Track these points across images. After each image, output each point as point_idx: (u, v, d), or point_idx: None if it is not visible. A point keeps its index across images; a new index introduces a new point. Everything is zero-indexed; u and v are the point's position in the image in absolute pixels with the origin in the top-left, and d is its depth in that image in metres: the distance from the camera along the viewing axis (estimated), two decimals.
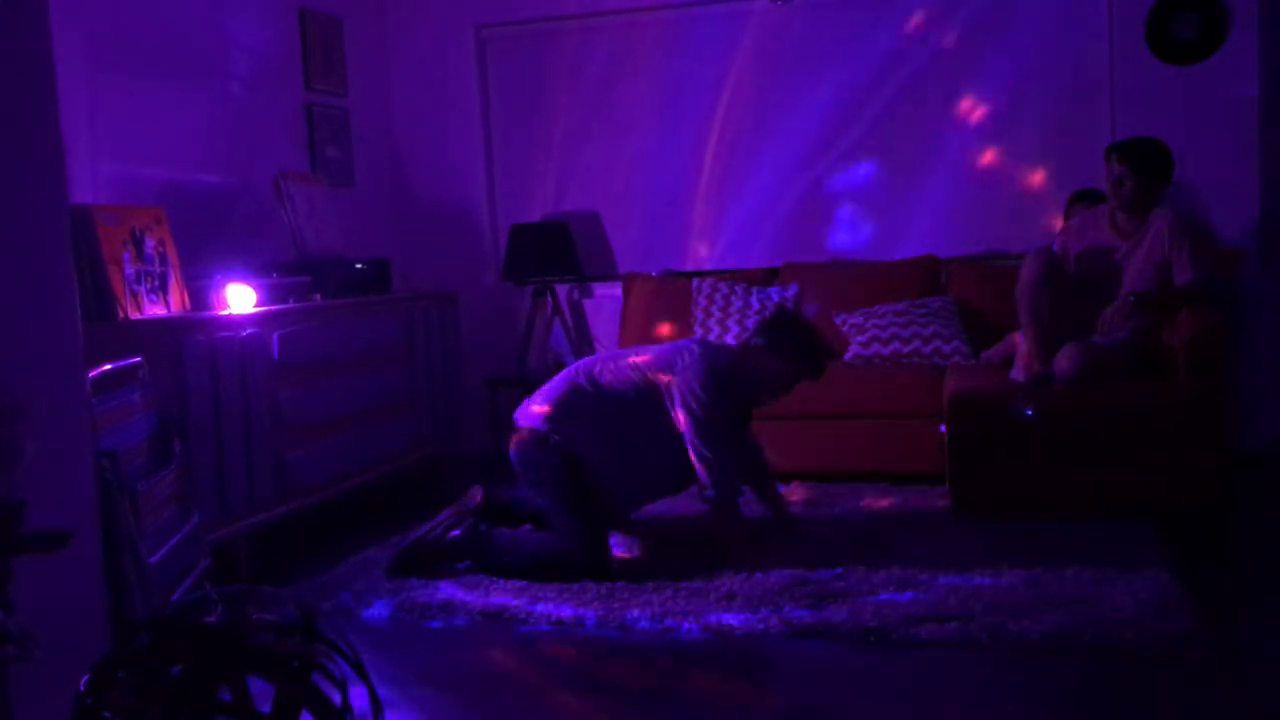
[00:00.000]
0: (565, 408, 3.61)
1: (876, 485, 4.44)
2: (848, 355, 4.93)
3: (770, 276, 5.34)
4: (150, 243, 3.73)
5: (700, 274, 5.43)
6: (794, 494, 4.39)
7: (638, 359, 3.67)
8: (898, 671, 2.74)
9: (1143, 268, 4.09)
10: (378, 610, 3.29)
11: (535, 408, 3.67)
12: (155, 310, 3.69)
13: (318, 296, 4.37)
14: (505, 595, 3.33)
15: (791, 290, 5.17)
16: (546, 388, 3.72)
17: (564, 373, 3.74)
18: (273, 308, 4.01)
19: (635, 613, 3.11)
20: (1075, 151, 5.13)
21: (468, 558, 3.58)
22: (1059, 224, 4.68)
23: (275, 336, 3.90)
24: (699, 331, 5.11)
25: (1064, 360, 4.01)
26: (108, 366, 2.85)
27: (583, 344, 5.82)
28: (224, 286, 3.92)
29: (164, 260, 3.79)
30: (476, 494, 3.83)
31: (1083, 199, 4.74)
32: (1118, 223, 4.18)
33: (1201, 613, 2.88)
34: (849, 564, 3.44)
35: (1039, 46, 5.17)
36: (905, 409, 4.49)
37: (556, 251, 5.52)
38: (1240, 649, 2.76)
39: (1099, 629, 2.79)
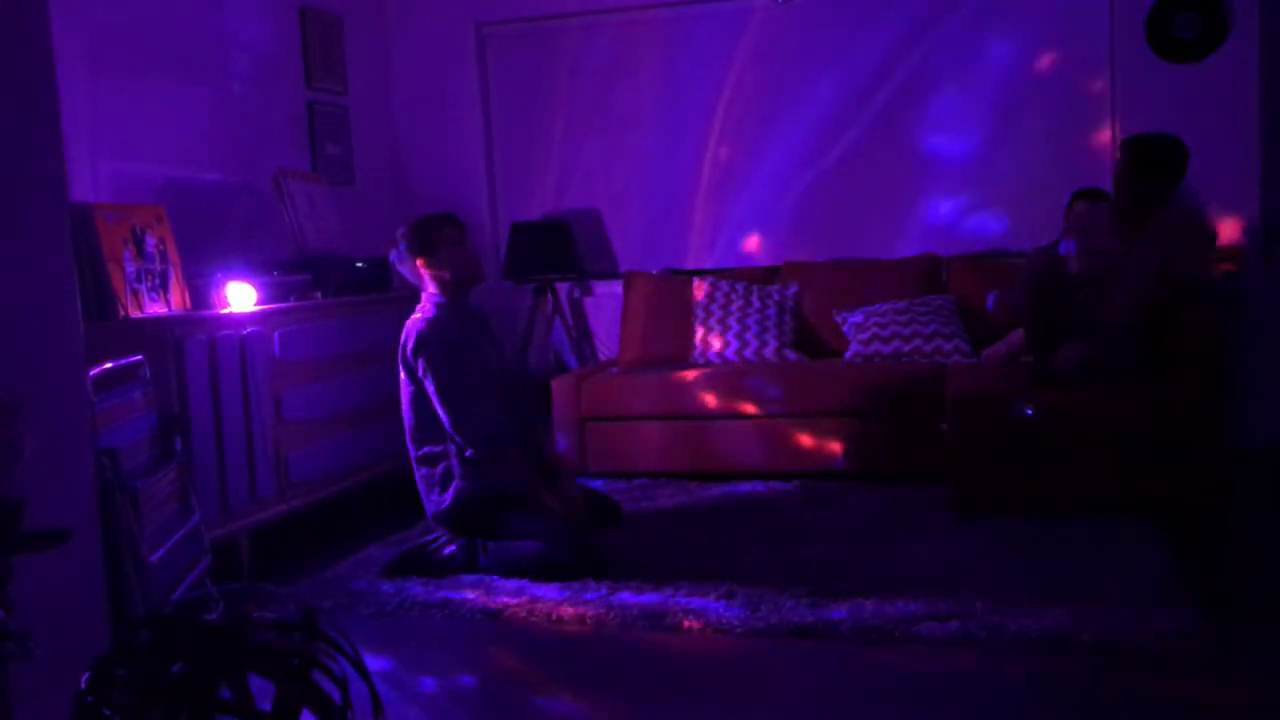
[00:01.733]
0: (445, 472, 3.63)
1: (876, 485, 4.44)
2: (848, 354, 4.93)
3: (771, 275, 5.34)
4: (151, 241, 3.73)
5: (701, 272, 5.42)
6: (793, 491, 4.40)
7: (403, 387, 3.71)
8: (898, 670, 2.74)
9: (1146, 266, 4.06)
10: (378, 609, 3.29)
11: (435, 501, 3.67)
12: (156, 308, 3.69)
13: (318, 295, 4.37)
14: (505, 594, 3.33)
15: (792, 289, 5.17)
16: (421, 486, 3.72)
17: (413, 466, 3.75)
18: (273, 306, 4.01)
19: (635, 611, 3.11)
20: (1076, 150, 5.13)
21: (463, 573, 3.57)
22: (1060, 223, 4.68)
23: (276, 335, 3.90)
24: (699, 330, 5.11)
25: (1065, 359, 4.01)
26: (108, 365, 2.86)
27: (583, 342, 5.82)
28: (224, 285, 3.92)
29: (164, 258, 3.79)
30: None
31: (1084, 198, 4.73)
32: (1123, 219, 4.15)
33: (1202, 612, 2.88)
34: (849, 563, 3.44)
35: (1039, 45, 5.17)
36: (906, 408, 4.48)
37: (557, 250, 5.52)
38: (1241, 648, 2.76)
39: (1099, 628, 2.79)
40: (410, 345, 3.65)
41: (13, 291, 2.23)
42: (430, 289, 3.76)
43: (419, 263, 3.74)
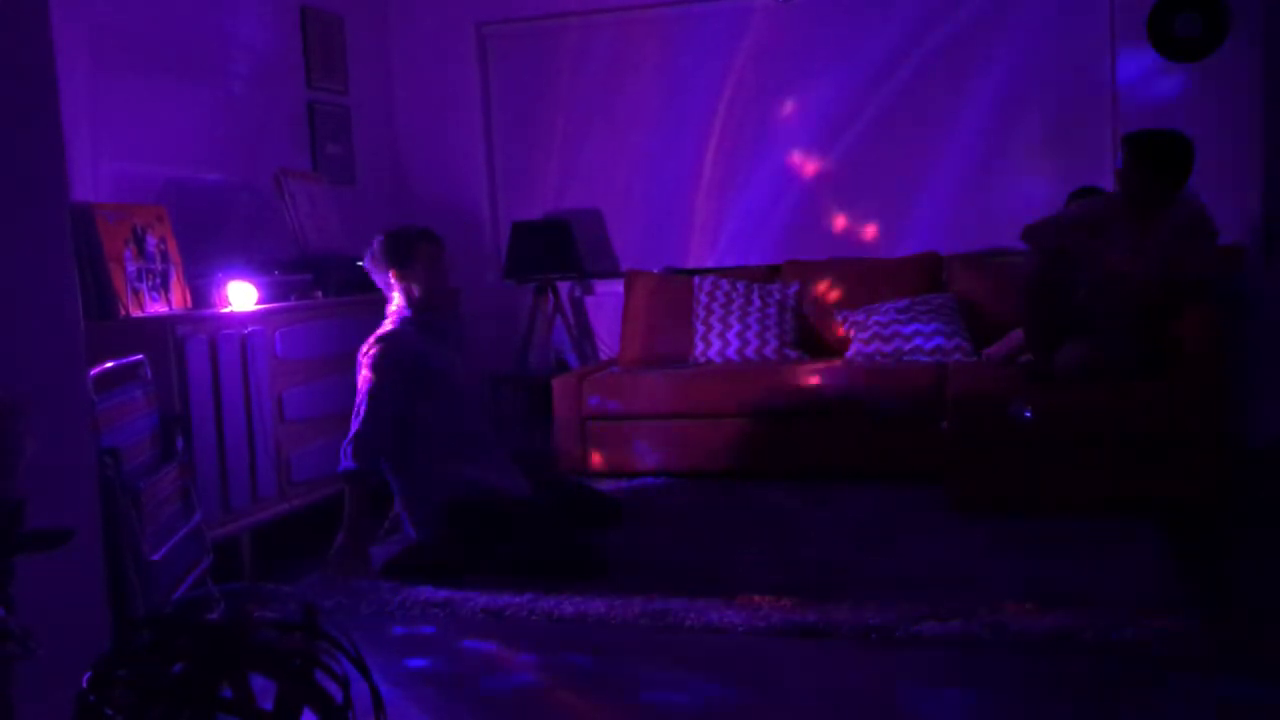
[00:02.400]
0: (414, 487, 3.67)
1: (876, 484, 4.44)
2: (850, 352, 4.93)
3: (772, 274, 5.34)
4: (152, 240, 3.73)
5: (702, 271, 5.43)
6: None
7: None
8: (900, 669, 2.74)
9: (1150, 263, 4.04)
10: (379, 608, 3.30)
11: (415, 522, 3.70)
12: (157, 308, 3.69)
13: (319, 294, 4.37)
14: (506, 594, 3.33)
15: (793, 288, 5.17)
16: (403, 509, 3.76)
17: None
18: (274, 305, 4.01)
19: (637, 610, 3.11)
20: (1077, 148, 5.13)
21: (463, 573, 3.57)
22: None
23: (277, 334, 3.91)
24: (700, 329, 5.12)
25: (1065, 358, 4.00)
26: (109, 364, 2.86)
27: (584, 341, 5.82)
28: (225, 284, 3.92)
29: (165, 258, 3.79)
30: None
31: (1083, 196, 4.73)
32: (1128, 216, 4.13)
33: (1202, 612, 2.88)
34: (849, 563, 3.44)
35: (1040, 43, 5.17)
36: (906, 407, 4.48)
37: (558, 249, 5.52)
38: (1241, 647, 2.76)
39: (1100, 627, 2.79)
40: (363, 346, 3.69)
41: (13, 291, 2.23)
42: (399, 302, 3.77)
43: (391, 274, 3.74)
